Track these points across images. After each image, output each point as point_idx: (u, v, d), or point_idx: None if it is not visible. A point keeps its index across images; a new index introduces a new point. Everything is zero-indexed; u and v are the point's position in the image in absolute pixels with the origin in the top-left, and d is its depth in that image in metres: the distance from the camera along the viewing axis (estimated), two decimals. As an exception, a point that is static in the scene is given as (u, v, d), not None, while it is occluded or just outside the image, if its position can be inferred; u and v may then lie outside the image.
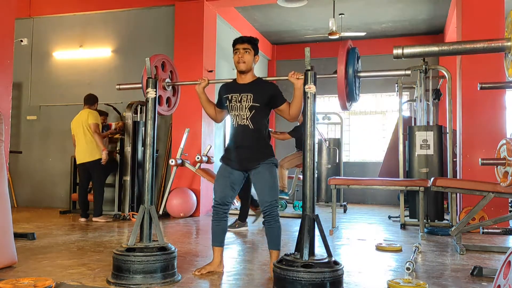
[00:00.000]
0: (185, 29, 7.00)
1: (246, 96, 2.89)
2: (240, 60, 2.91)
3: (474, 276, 3.03)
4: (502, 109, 5.61)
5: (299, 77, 2.74)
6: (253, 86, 2.93)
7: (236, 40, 2.98)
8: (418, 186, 5.05)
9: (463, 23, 5.83)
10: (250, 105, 2.88)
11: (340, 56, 2.61)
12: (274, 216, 2.85)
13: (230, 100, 2.94)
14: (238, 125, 2.91)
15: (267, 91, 2.92)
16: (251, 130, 2.89)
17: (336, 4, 7.70)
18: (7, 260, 3.07)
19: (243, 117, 2.89)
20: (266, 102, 2.90)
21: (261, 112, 2.90)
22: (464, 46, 2.70)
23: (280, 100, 2.91)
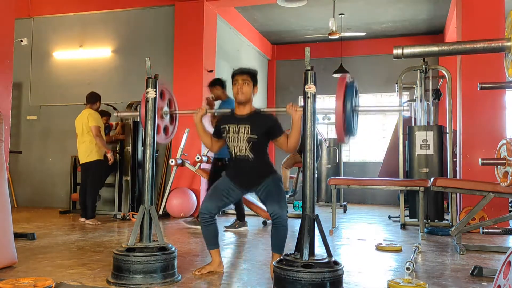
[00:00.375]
0: (185, 29, 7.00)
1: (244, 128, 2.89)
2: (239, 91, 2.90)
3: (474, 276, 3.03)
4: (502, 109, 5.61)
5: (297, 110, 2.75)
6: (251, 118, 2.92)
7: (235, 71, 2.98)
8: (418, 186, 5.05)
9: (463, 23, 5.83)
10: (248, 137, 2.88)
11: (338, 91, 2.58)
12: (281, 221, 2.80)
13: (228, 131, 2.94)
14: (237, 156, 2.92)
15: (265, 122, 2.92)
16: (251, 160, 2.90)
17: (336, 4, 7.70)
18: (7, 260, 3.07)
19: (241, 148, 2.90)
20: (264, 134, 2.90)
21: (259, 143, 2.90)
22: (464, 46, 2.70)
23: (278, 132, 2.91)
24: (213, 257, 3.04)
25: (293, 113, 2.77)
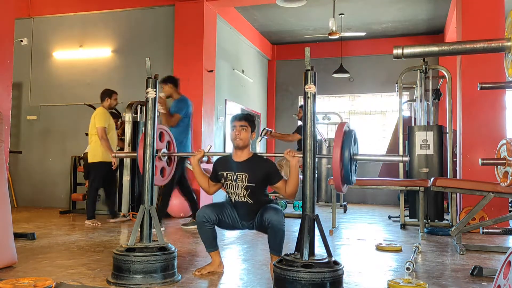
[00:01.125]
0: (185, 29, 7.00)
1: (241, 176, 2.91)
2: (237, 137, 2.92)
3: (474, 276, 3.03)
4: (502, 109, 5.61)
5: (295, 155, 2.78)
6: (249, 165, 2.94)
7: (233, 117, 3.02)
8: (418, 186, 5.05)
9: (463, 23, 5.83)
10: (245, 185, 2.91)
11: (337, 139, 2.56)
12: (278, 224, 2.80)
13: (226, 178, 2.97)
14: (236, 201, 2.98)
15: (263, 169, 2.93)
16: (249, 204, 2.95)
17: (336, 4, 7.70)
18: (7, 260, 3.07)
19: (240, 195, 2.94)
20: (262, 180, 2.93)
21: (257, 189, 2.93)
22: (464, 46, 2.69)
23: (276, 178, 2.93)
24: (213, 258, 3.05)
25: (290, 159, 2.81)
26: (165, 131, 3.33)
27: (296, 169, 2.83)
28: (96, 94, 7.52)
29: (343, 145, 2.55)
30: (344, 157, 2.54)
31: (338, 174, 2.54)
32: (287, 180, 2.91)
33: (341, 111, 10.02)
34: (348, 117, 10.29)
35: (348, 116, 10.32)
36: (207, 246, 3.03)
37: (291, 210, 7.35)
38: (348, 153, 2.56)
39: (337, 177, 2.55)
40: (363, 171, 9.67)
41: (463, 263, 3.53)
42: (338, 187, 2.62)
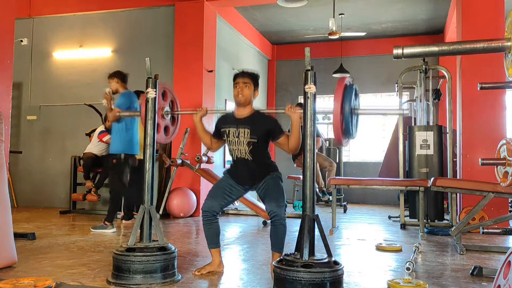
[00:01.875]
0: (185, 29, 7.00)
1: (243, 131, 2.90)
2: (239, 93, 2.92)
3: (474, 276, 3.03)
4: (502, 109, 5.61)
5: (296, 111, 2.79)
6: (251, 120, 2.93)
7: (236, 74, 3.01)
8: (418, 186, 5.05)
9: (463, 23, 5.83)
10: (248, 141, 2.90)
11: (337, 92, 2.58)
12: (279, 219, 2.83)
13: (228, 134, 2.96)
14: (238, 158, 2.96)
15: (265, 125, 2.93)
16: (251, 161, 2.93)
17: (336, 4, 7.70)
18: (7, 260, 3.07)
19: (242, 152, 2.92)
20: (264, 136, 2.92)
21: (259, 146, 2.92)
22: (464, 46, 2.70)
23: (278, 134, 2.93)
24: (213, 257, 3.04)
25: (291, 114, 2.80)
26: (168, 90, 3.33)
27: (298, 124, 2.80)
28: (96, 94, 7.52)
29: (343, 98, 2.57)
30: (345, 110, 2.57)
31: (338, 127, 2.56)
32: (289, 136, 2.89)
33: (341, 111, 10.00)
34: (348, 117, 10.28)
35: (348, 116, 10.31)
36: (210, 242, 3.02)
37: (291, 210, 7.35)
38: (348, 106, 2.58)
39: (337, 130, 2.58)
40: (363, 171, 9.67)
41: (463, 263, 3.53)
42: (339, 139, 2.64)
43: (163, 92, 3.28)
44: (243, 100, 2.93)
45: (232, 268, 3.26)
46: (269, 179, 2.93)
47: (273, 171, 2.98)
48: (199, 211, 6.61)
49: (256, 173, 2.95)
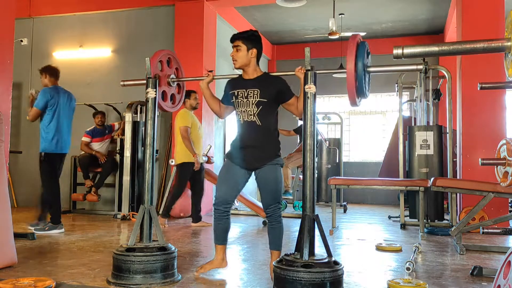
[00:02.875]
0: (185, 29, 7.00)
1: (252, 92, 2.82)
2: (233, 60, 2.90)
3: (474, 276, 3.03)
4: (502, 109, 5.61)
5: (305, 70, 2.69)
6: (260, 81, 2.86)
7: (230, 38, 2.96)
8: (418, 186, 5.05)
9: (463, 23, 5.83)
10: (257, 101, 2.80)
11: (350, 50, 2.55)
12: (277, 217, 2.82)
13: (237, 96, 2.87)
14: (245, 121, 2.85)
15: (275, 86, 2.84)
16: (258, 126, 2.82)
17: (336, 4, 7.70)
18: (7, 260, 3.07)
19: (250, 113, 2.82)
20: (274, 97, 2.83)
21: (268, 108, 2.83)
22: (464, 46, 2.69)
23: (288, 95, 2.85)
24: (217, 253, 2.99)
25: (301, 76, 2.70)
26: (173, 58, 3.34)
27: None
28: (96, 94, 7.52)
29: (357, 56, 2.55)
30: (358, 68, 2.55)
31: (352, 87, 2.54)
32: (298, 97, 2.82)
33: (341, 111, 10.01)
34: (348, 117, 10.30)
35: (348, 116, 10.33)
36: (217, 238, 2.96)
37: (291, 210, 7.35)
38: (362, 64, 2.56)
39: (352, 90, 2.56)
40: (363, 171, 9.67)
41: (463, 263, 3.53)
42: (353, 100, 2.62)
43: (168, 59, 3.29)
44: (238, 65, 2.88)
45: (232, 268, 3.26)
46: (271, 166, 2.82)
47: (277, 155, 2.86)
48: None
49: (262, 143, 2.83)
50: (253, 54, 2.88)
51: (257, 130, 2.83)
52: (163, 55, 3.23)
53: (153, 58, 3.14)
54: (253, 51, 2.87)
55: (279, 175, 2.85)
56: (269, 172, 2.82)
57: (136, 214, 3.49)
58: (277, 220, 2.83)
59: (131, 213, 6.16)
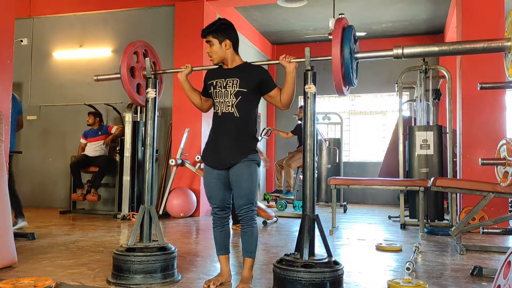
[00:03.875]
0: (185, 29, 7.00)
1: (232, 81, 2.63)
2: (209, 56, 2.70)
3: (474, 276, 3.03)
4: (502, 109, 5.61)
5: (292, 60, 2.61)
6: (240, 70, 2.67)
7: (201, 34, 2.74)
8: (418, 186, 5.05)
9: (463, 23, 5.83)
10: (236, 91, 2.61)
11: (335, 33, 2.41)
12: (248, 221, 2.61)
13: (215, 86, 2.68)
14: (223, 113, 2.63)
15: (256, 75, 2.66)
16: (236, 118, 2.61)
17: (336, 4, 7.70)
18: (7, 260, 3.07)
19: (228, 104, 2.62)
20: (255, 88, 2.64)
21: (248, 99, 2.63)
22: (464, 46, 2.69)
23: (271, 86, 2.68)
24: (223, 264, 2.80)
25: (286, 64, 2.61)
26: (149, 50, 3.25)
27: (293, 75, 2.62)
28: (96, 94, 7.53)
29: (342, 39, 2.42)
30: (345, 54, 2.42)
31: (338, 74, 2.40)
32: (282, 89, 2.66)
33: (341, 111, 10.02)
34: (348, 117, 10.30)
35: (348, 116, 10.32)
36: (220, 248, 2.77)
37: (291, 210, 7.35)
38: (348, 49, 2.42)
39: (338, 77, 2.41)
40: (363, 171, 9.68)
41: (463, 263, 3.53)
42: (339, 88, 2.49)
43: (145, 51, 3.20)
44: (215, 61, 2.71)
45: (232, 268, 3.26)
46: (245, 163, 2.60)
47: (252, 151, 2.64)
48: (199, 211, 6.61)
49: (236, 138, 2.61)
50: (227, 45, 2.67)
51: (234, 122, 2.61)
52: (138, 46, 3.13)
53: (128, 48, 3.04)
54: (226, 42, 2.66)
55: (254, 173, 2.63)
56: (243, 169, 2.59)
57: (136, 214, 3.49)
58: (249, 223, 2.61)
59: (131, 213, 6.16)
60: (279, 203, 7.28)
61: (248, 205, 2.60)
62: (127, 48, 3.06)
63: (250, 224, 2.63)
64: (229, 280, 2.81)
